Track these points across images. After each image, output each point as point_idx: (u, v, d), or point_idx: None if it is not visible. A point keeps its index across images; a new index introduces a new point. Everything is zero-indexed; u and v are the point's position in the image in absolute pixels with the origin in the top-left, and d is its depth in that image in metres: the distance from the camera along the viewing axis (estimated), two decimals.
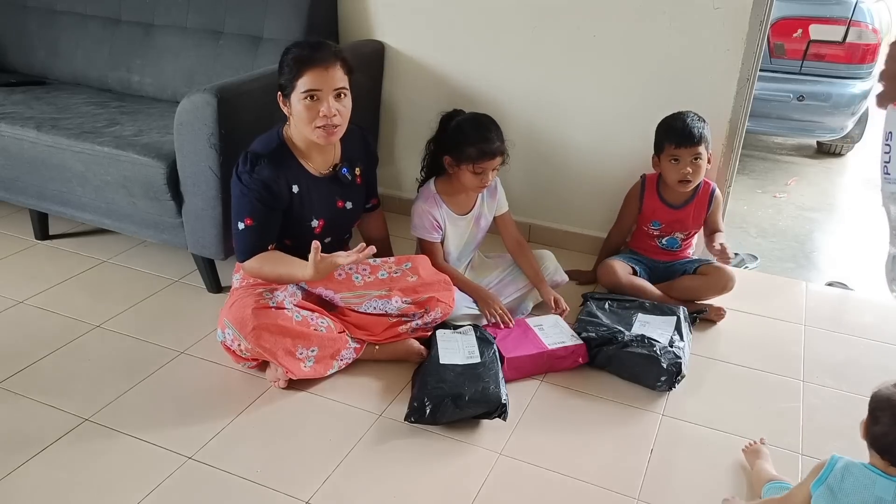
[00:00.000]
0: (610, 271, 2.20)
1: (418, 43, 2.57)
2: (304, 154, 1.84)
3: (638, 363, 1.85)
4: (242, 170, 1.76)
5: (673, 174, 2.14)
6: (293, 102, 1.73)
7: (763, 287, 2.46)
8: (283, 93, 1.76)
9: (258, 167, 1.75)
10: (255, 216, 1.77)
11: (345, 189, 1.94)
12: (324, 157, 1.87)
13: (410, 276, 1.92)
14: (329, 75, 1.71)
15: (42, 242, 2.55)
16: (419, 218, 2.09)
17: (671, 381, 1.82)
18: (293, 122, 1.79)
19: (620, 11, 2.24)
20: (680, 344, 1.90)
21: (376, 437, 1.67)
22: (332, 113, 1.72)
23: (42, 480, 1.51)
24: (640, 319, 2.01)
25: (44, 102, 2.52)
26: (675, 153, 2.12)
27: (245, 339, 1.72)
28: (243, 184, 1.76)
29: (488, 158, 1.97)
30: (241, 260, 1.82)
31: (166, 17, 2.65)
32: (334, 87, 1.73)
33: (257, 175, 1.74)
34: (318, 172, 1.87)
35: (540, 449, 1.65)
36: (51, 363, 1.90)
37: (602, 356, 1.91)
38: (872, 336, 2.14)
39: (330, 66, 1.72)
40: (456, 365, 1.79)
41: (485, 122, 2.01)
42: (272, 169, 1.76)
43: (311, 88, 1.70)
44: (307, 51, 1.72)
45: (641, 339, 1.89)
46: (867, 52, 3.63)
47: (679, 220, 2.24)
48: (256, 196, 1.75)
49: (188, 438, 1.64)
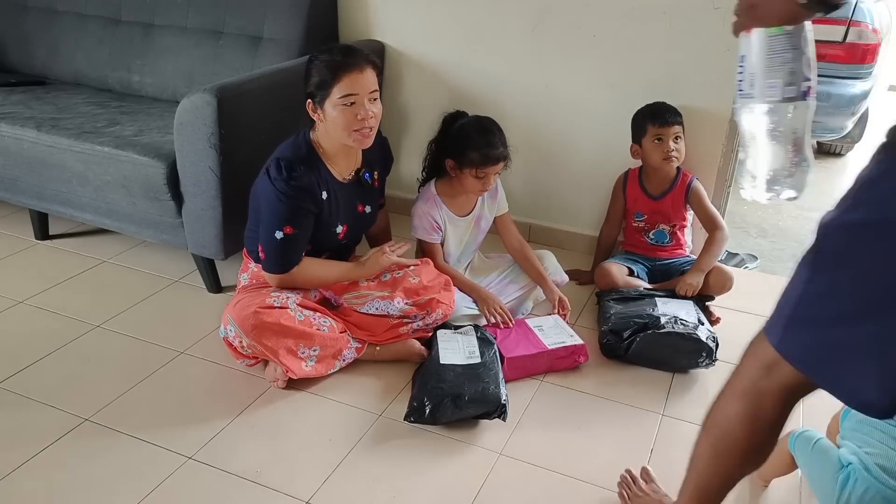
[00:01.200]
0: (606, 274, 2.21)
1: (418, 43, 2.57)
2: (331, 159, 1.83)
3: (678, 343, 1.88)
4: (277, 177, 1.72)
5: (657, 154, 2.19)
6: (327, 109, 1.72)
7: (763, 287, 2.45)
8: (313, 100, 1.74)
9: (296, 174, 1.73)
10: (296, 224, 1.75)
11: (365, 193, 1.94)
12: (347, 162, 1.87)
13: (413, 278, 1.92)
14: (365, 78, 1.72)
15: (42, 242, 2.55)
16: (419, 219, 2.09)
17: (712, 356, 1.87)
18: (325, 129, 1.77)
19: (620, 11, 2.24)
20: (706, 321, 1.98)
21: (376, 437, 1.67)
22: (369, 115, 1.73)
23: (42, 480, 1.51)
24: (661, 301, 2.03)
25: (44, 102, 2.52)
26: (659, 132, 2.17)
27: (247, 337, 1.72)
28: (279, 191, 1.72)
29: (492, 164, 1.97)
30: (281, 271, 1.79)
31: (166, 17, 2.65)
32: (370, 91, 1.73)
33: (296, 182, 1.72)
34: (342, 178, 1.87)
35: (540, 449, 1.65)
36: (51, 363, 1.90)
37: (638, 345, 1.91)
38: None
39: (364, 70, 1.72)
40: (456, 365, 1.79)
41: (489, 126, 2.01)
42: (309, 175, 1.75)
43: (349, 93, 1.70)
44: (340, 56, 1.72)
45: (675, 319, 1.92)
46: (867, 52, 3.63)
47: (659, 210, 2.28)
48: (297, 204, 1.73)
49: (188, 438, 1.64)
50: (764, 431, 1.06)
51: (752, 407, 1.04)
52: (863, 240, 0.88)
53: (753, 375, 1.03)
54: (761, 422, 1.05)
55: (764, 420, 1.04)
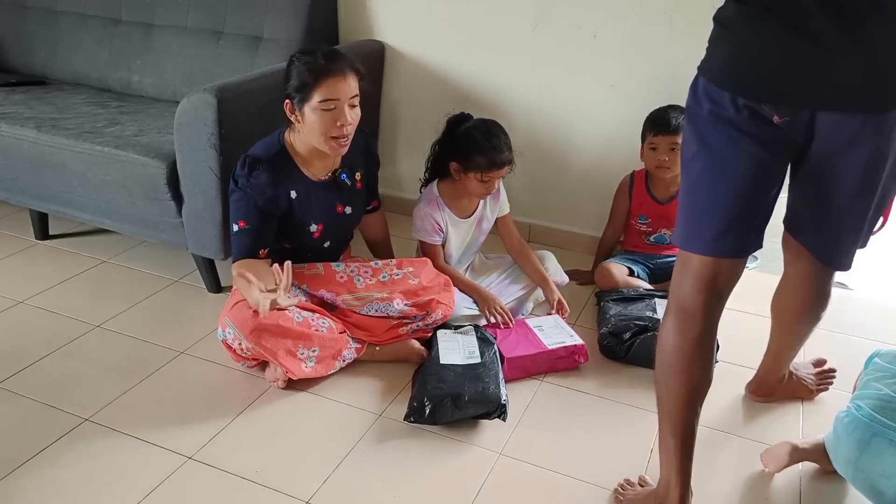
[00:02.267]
0: (606, 274, 2.21)
1: (418, 43, 2.57)
2: (305, 160, 1.84)
3: None
4: (240, 173, 1.77)
5: (650, 162, 2.21)
6: (306, 112, 1.72)
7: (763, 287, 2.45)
8: (292, 101, 1.74)
9: (256, 172, 1.76)
10: (249, 219, 1.78)
11: (344, 194, 1.94)
12: (323, 164, 1.88)
13: (412, 280, 1.92)
14: (346, 84, 1.72)
15: (42, 242, 2.55)
16: (421, 220, 2.09)
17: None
18: (302, 131, 1.77)
19: (620, 11, 2.24)
20: None
21: (376, 437, 1.67)
22: (348, 122, 1.73)
23: (42, 480, 1.51)
24: (661, 303, 2.03)
25: (44, 102, 2.52)
26: (653, 141, 2.18)
27: (246, 339, 1.72)
28: (239, 187, 1.78)
29: (497, 168, 1.97)
30: (233, 262, 1.83)
31: (166, 17, 2.65)
32: (350, 97, 1.73)
33: (254, 180, 1.76)
34: (317, 178, 1.87)
35: (540, 449, 1.65)
36: (51, 363, 1.90)
37: (637, 347, 1.91)
38: (872, 336, 2.14)
39: (347, 76, 1.72)
40: (456, 365, 1.79)
41: (495, 130, 2.00)
42: (270, 174, 1.77)
43: (329, 98, 1.70)
44: (322, 60, 1.71)
45: None
46: None
47: (664, 215, 2.27)
48: (251, 200, 1.77)
49: (188, 438, 1.64)
50: (694, 328, 1.29)
51: (678, 310, 1.30)
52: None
53: (674, 283, 1.31)
54: (688, 317, 1.29)
55: (690, 316, 1.29)
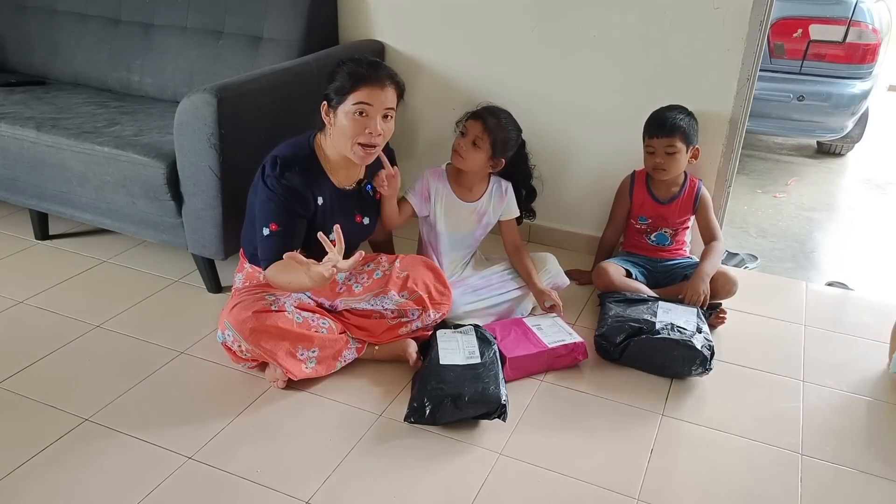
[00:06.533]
0: (603, 273, 2.21)
1: (418, 43, 2.57)
2: (332, 167, 1.83)
3: (672, 349, 1.87)
4: (270, 174, 1.72)
5: (647, 162, 2.22)
6: (339, 114, 1.72)
7: (763, 287, 2.46)
8: (329, 103, 1.74)
9: (288, 174, 1.72)
10: (281, 222, 1.73)
11: (364, 204, 1.93)
12: (348, 172, 1.87)
13: (400, 272, 1.91)
14: (384, 94, 1.72)
15: (42, 242, 2.55)
16: (416, 181, 2.11)
17: (706, 364, 1.85)
18: (332, 134, 1.77)
19: (620, 11, 2.24)
20: (706, 330, 1.95)
21: (376, 437, 1.67)
22: (377, 131, 1.72)
23: (42, 480, 1.51)
24: (663, 307, 2.02)
25: (44, 102, 2.52)
26: (649, 143, 2.19)
27: (245, 341, 1.72)
28: (270, 188, 1.72)
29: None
30: (263, 267, 1.76)
31: (166, 17, 2.65)
32: (385, 107, 1.73)
33: (286, 181, 1.72)
34: (342, 186, 1.86)
35: (540, 449, 1.65)
36: (51, 363, 1.90)
37: (632, 349, 1.91)
38: (872, 336, 2.14)
39: (385, 86, 1.72)
40: (456, 365, 1.79)
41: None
42: (302, 177, 1.74)
43: (363, 102, 1.70)
44: (365, 68, 1.71)
45: (671, 326, 1.91)
46: (867, 52, 3.63)
47: (664, 215, 2.27)
48: (282, 202, 1.72)
49: (188, 438, 1.64)
50: None
51: None
52: None
53: None
54: None
55: None
